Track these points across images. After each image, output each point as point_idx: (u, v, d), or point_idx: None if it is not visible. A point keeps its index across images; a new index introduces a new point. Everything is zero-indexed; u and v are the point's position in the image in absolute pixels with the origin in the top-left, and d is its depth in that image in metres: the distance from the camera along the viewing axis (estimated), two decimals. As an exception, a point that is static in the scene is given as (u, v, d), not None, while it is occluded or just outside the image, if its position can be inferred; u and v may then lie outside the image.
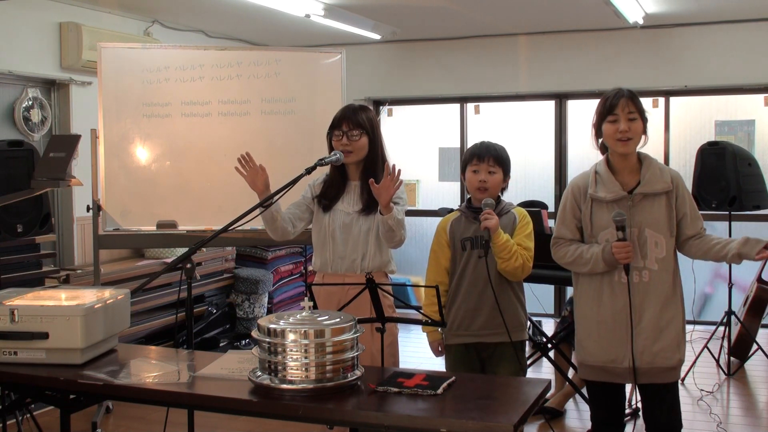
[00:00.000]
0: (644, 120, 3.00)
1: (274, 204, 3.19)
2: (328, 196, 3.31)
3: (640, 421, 3.38)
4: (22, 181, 4.18)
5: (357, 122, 3.23)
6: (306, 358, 2.35)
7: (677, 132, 7.10)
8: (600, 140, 3.07)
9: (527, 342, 6.03)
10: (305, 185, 3.36)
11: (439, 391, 2.36)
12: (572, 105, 7.48)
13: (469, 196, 3.36)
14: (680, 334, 3.02)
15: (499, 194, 3.32)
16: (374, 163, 3.29)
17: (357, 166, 3.30)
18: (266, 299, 6.68)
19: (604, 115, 3.00)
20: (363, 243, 3.24)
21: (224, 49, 5.19)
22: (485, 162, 3.23)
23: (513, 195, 7.16)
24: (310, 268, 6.69)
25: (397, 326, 3.37)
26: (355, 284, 2.99)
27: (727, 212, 5.53)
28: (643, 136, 3.01)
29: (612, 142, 2.99)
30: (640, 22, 6.40)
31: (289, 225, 3.29)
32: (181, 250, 5.48)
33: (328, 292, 3.20)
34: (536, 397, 2.37)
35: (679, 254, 3.08)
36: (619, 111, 2.96)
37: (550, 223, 4.80)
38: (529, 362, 5.15)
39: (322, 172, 3.41)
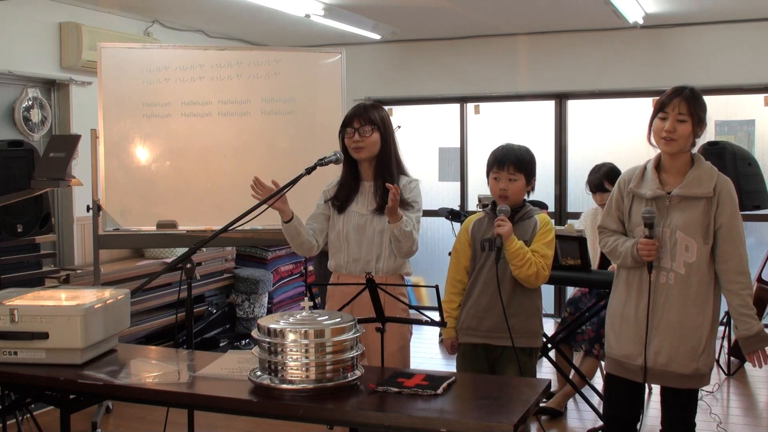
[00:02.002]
0: (696, 123, 2.92)
1: (296, 218, 3.18)
2: (340, 198, 3.29)
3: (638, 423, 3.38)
4: (22, 181, 4.18)
5: (369, 119, 3.21)
6: (306, 358, 2.34)
7: (677, 132, 7.09)
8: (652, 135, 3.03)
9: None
10: (306, 186, 3.33)
11: (439, 391, 2.36)
12: (572, 105, 7.48)
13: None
14: (702, 344, 2.95)
15: (525, 198, 3.29)
16: (387, 161, 3.25)
17: (369, 164, 3.26)
18: (266, 299, 6.68)
19: (657, 111, 2.98)
20: (377, 244, 3.20)
21: (224, 49, 5.20)
22: (505, 170, 3.20)
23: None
24: (310, 268, 6.70)
25: (411, 330, 3.35)
26: (355, 284, 2.98)
27: (727, 212, 5.52)
28: (693, 139, 2.94)
29: (657, 138, 2.97)
30: (640, 22, 6.40)
31: (313, 239, 3.27)
32: (181, 250, 5.48)
33: (342, 293, 3.16)
34: (536, 397, 2.37)
35: None
36: (670, 110, 2.92)
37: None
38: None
39: (335, 176, 3.40)
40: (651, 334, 2.95)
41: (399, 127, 6.78)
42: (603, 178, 4.81)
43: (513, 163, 3.19)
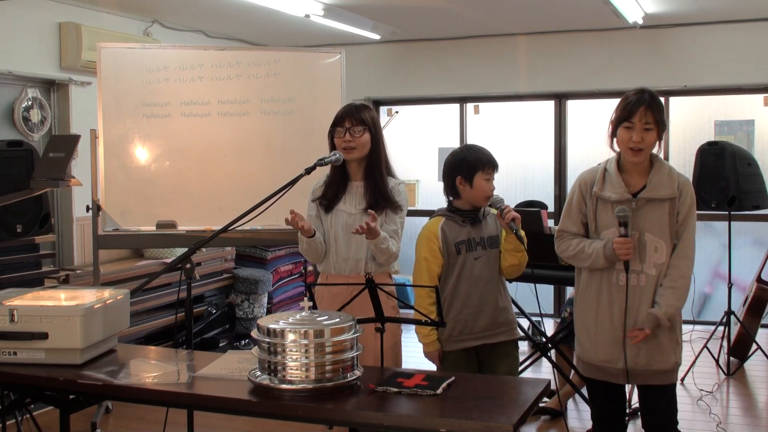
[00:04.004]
0: (661, 129, 2.94)
1: (316, 235, 3.20)
2: (327, 196, 3.30)
3: (639, 422, 3.38)
4: (21, 181, 4.18)
5: (360, 119, 3.22)
6: (306, 358, 2.35)
7: (677, 132, 7.10)
8: (615, 140, 3.02)
9: (527, 342, 6.04)
10: (305, 186, 3.34)
11: (439, 391, 2.36)
12: (572, 105, 7.48)
13: (450, 199, 3.34)
14: (676, 338, 3.01)
15: None
16: (377, 162, 3.27)
17: (359, 165, 3.27)
18: (266, 299, 6.68)
19: (621, 119, 2.96)
20: (366, 244, 3.19)
21: (224, 49, 5.20)
22: (495, 171, 3.27)
23: (513, 195, 7.18)
24: (309, 268, 6.71)
25: (400, 327, 3.36)
26: (355, 284, 2.98)
27: (727, 212, 5.53)
28: (657, 143, 2.96)
29: (624, 148, 2.96)
30: (640, 22, 6.41)
31: (325, 246, 3.29)
32: (180, 250, 5.47)
33: (332, 293, 3.18)
34: (536, 397, 2.37)
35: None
36: (636, 120, 2.91)
37: (550, 222, 4.80)
38: (529, 362, 5.15)
39: (322, 177, 3.39)
40: (628, 337, 2.96)
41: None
42: None
43: (497, 166, 3.29)
